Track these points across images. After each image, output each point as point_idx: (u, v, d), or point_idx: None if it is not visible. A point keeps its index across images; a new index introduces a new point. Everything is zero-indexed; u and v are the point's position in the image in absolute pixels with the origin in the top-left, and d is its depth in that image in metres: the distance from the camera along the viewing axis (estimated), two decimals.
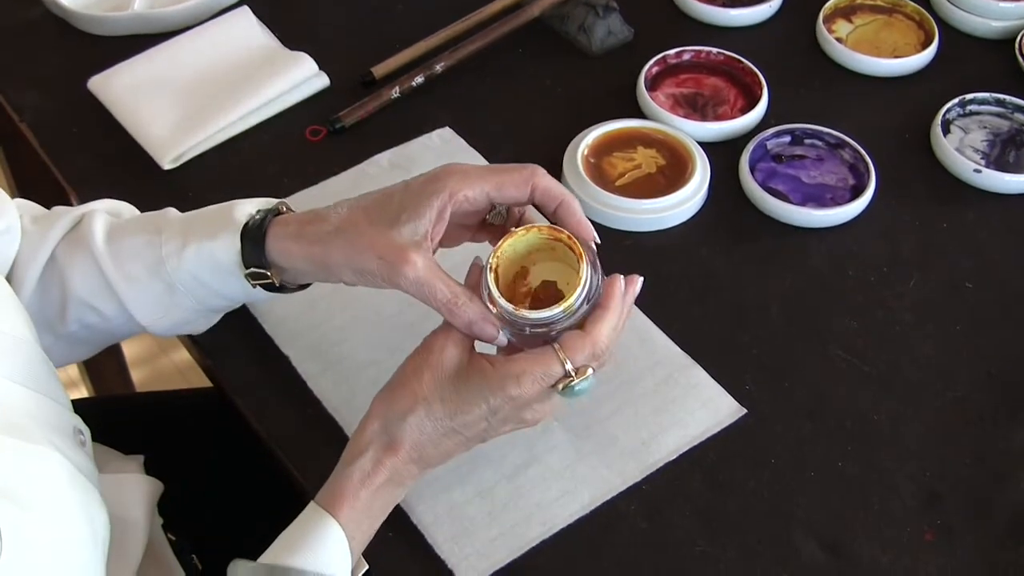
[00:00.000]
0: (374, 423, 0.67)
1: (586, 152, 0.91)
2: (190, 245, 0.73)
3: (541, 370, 0.65)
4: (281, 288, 0.74)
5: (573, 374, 0.65)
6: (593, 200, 0.88)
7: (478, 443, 0.68)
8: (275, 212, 0.73)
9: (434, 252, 0.68)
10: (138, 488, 0.76)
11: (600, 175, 0.90)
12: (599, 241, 0.70)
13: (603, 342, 0.66)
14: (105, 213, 0.78)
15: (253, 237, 0.71)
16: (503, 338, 0.68)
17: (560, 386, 0.65)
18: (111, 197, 0.80)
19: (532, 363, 0.65)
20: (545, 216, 0.70)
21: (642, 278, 0.69)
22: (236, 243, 0.72)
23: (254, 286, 0.73)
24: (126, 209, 0.81)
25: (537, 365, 0.65)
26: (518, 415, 0.67)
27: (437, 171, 0.69)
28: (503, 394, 0.65)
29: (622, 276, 0.68)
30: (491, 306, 0.66)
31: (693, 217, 0.89)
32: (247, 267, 0.72)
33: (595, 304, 0.66)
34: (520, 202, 0.70)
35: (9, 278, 0.75)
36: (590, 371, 0.65)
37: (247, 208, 0.74)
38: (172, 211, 0.77)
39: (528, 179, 0.68)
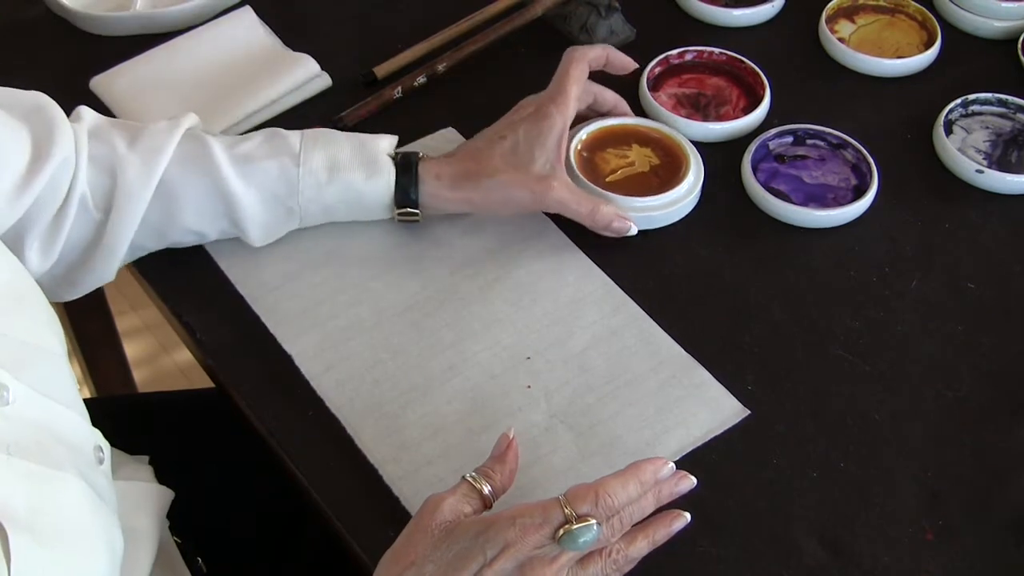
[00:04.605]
0: None
1: (579, 146, 0.90)
2: (336, 184, 0.80)
3: (540, 514, 0.62)
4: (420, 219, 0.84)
5: (573, 519, 0.62)
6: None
7: None
8: (415, 154, 0.83)
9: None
10: (150, 497, 0.76)
11: (592, 169, 0.89)
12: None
13: (610, 496, 0.63)
14: (208, 133, 0.82)
15: (404, 183, 0.82)
16: (634, 228, 0.84)
17: (561, 531, 0.62)
18: None
19: (531, 507, 0.63)
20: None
21: (688, 516, 0.68)
22: (391, 188, 0.82)
23: (397, 220, 0.84)
24: (197, 120, 0.84)
25: (536, 509, 0.62)
26: (518, 573, 0.62)
27: (543, 107, 0.84)
28: (499, 539, 0.61)
29: (671, 464, 0.67)
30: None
31: (688, 215, 0.88)
32: (399, 207, 0.83)
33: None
34: (584, 110, 0.91)
35: (114, 206, 0.77)
36: (592, 522, 0.62)
37: (384, 149, 0.83)
38: (289, 136, 0.82)
39: (591, 92, 0.90)
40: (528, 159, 0.82)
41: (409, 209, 0.83)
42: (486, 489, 0.66)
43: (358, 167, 0.81)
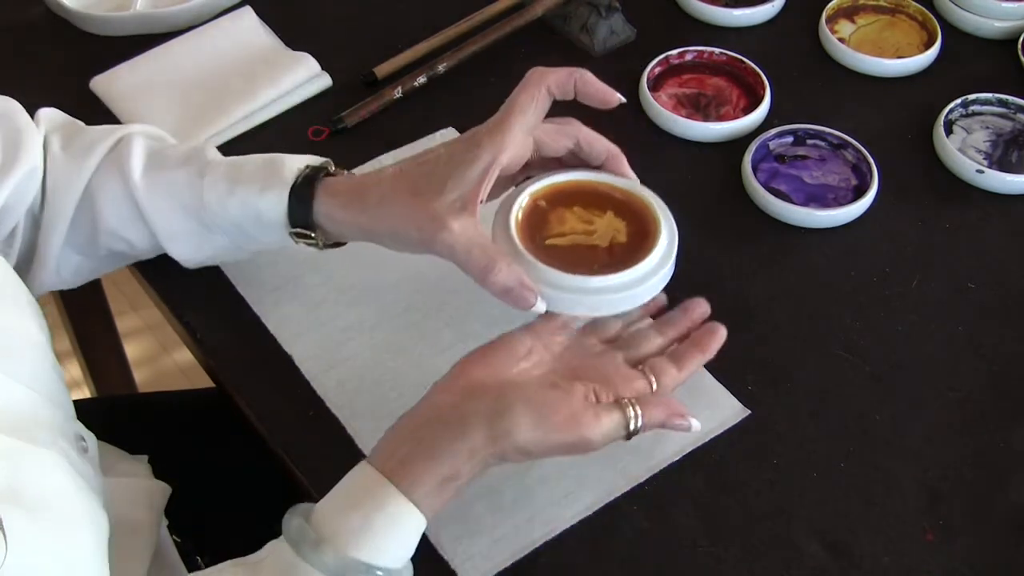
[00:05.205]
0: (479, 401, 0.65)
1: (537, 192, 0.72)
2: (235, 196, 0.73)
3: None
4: (322, 245, 0.75)
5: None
6: (505, 247, 0.70)
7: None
8: (322, 170, 0.73)
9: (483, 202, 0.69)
10: (146, 492, 0.76)
11: (537, 223, 0.71)
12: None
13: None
14: (144, 137, 0.78)
15: (300, 197, 0.72)
16: (542, 305, 0.67)
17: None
18: None
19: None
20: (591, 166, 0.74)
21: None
22: (284, 202, 0.72)
23: (297, 243, 0.74)
24: (165, 135, 0.81)
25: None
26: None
27: (478, 135, 0.69)
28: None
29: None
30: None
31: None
32: (292, 226, 0.73)
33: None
34: (564, 154, 0.72)
35: (43, 209, 0.76)
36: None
37: (295, 164, 0.74)
38: (212, 150, 0.78)
39: (571, 136, 0.72)
40: (436, 190, 0.68)
41: (301, 229, 0.73)
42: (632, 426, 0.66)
43: (256, 179, 0.73)
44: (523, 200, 0.71)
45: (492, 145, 0.68)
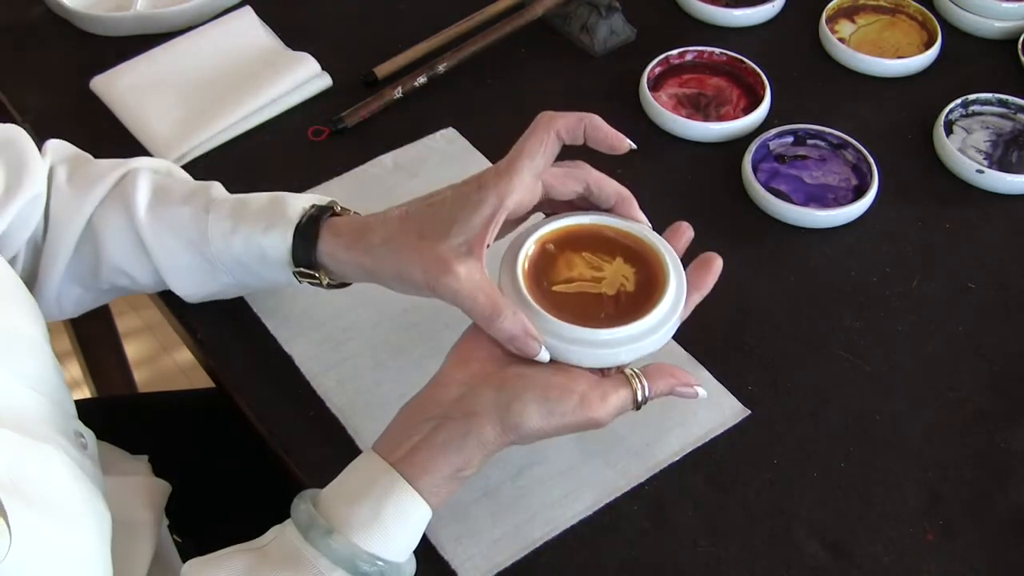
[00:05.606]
0: (487, 391, 0.65)
1: (550, 236, 0.70)
2: (239, 233, 0.73)
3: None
4: (326, 285, 0.74)
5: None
6: (511, 292, 0.68)
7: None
8: (328, 210, 0.73)
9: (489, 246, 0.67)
10: (146, 490, 0.76)
11: (546, 269, 0.69)
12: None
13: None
14: (150, 172, 0.78)
15: (304, 236, 0.71)
16: (545, 354, 0.65)
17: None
18: None
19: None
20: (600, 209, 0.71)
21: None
22: (288, 241, 0.72)
23: (300, 282, 0.74)
24: (175, 169, 0.81)
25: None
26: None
27: (485, 178, 0.67)
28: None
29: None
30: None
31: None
32: (296, 265, 0.72)
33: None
34: (573, 198, 0.71)
35: (45, 239, 0.76)
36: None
37: (300, 203, 0.73)
38: (218, 187, 0.77)
39: (580, 179, 0.70)
40: (442, 233, 0.66)
41: (304, 269, 0.72)
42: (639, 397, 0.67)
43: (261, 217, 0.73)
44: (530, 246, 0.69)
45: (499, 189, 0.66)
